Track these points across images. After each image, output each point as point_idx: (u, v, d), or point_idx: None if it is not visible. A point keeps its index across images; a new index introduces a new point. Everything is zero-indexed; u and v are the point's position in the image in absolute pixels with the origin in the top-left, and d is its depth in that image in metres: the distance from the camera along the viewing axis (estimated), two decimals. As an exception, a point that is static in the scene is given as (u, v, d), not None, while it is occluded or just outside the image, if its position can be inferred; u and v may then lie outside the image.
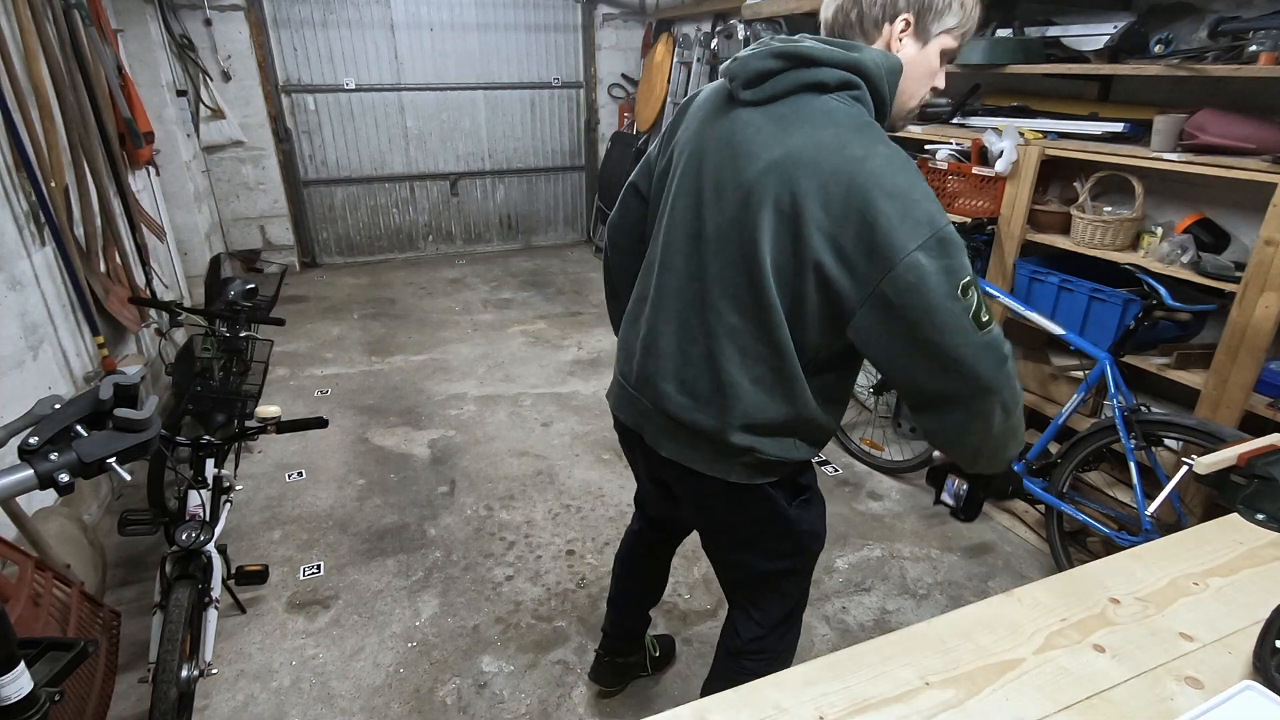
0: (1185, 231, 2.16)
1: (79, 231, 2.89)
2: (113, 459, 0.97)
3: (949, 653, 0.88)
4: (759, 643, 1.48)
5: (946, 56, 1.12)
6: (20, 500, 1.89)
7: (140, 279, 3.47)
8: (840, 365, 1.21)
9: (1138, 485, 2.06)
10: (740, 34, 4.22)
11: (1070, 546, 2.36)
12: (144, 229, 3.55)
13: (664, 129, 1.32)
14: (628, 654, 1.97)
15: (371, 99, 5.70)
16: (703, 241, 1.15)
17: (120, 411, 0.99)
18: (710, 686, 1.61)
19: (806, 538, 1.40)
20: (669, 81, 5.40)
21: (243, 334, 2.85)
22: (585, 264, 6.18)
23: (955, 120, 2.92)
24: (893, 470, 3.00)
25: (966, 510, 1.67)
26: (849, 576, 2.43)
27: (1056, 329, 2.30)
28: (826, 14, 1.15)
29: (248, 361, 3.03)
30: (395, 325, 4.72)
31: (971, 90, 2.87)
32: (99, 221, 3.02)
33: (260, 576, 2.32)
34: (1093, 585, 0.99)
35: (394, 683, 2.02)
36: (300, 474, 3.01)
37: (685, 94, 5.20)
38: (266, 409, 2.22)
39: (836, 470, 3.05)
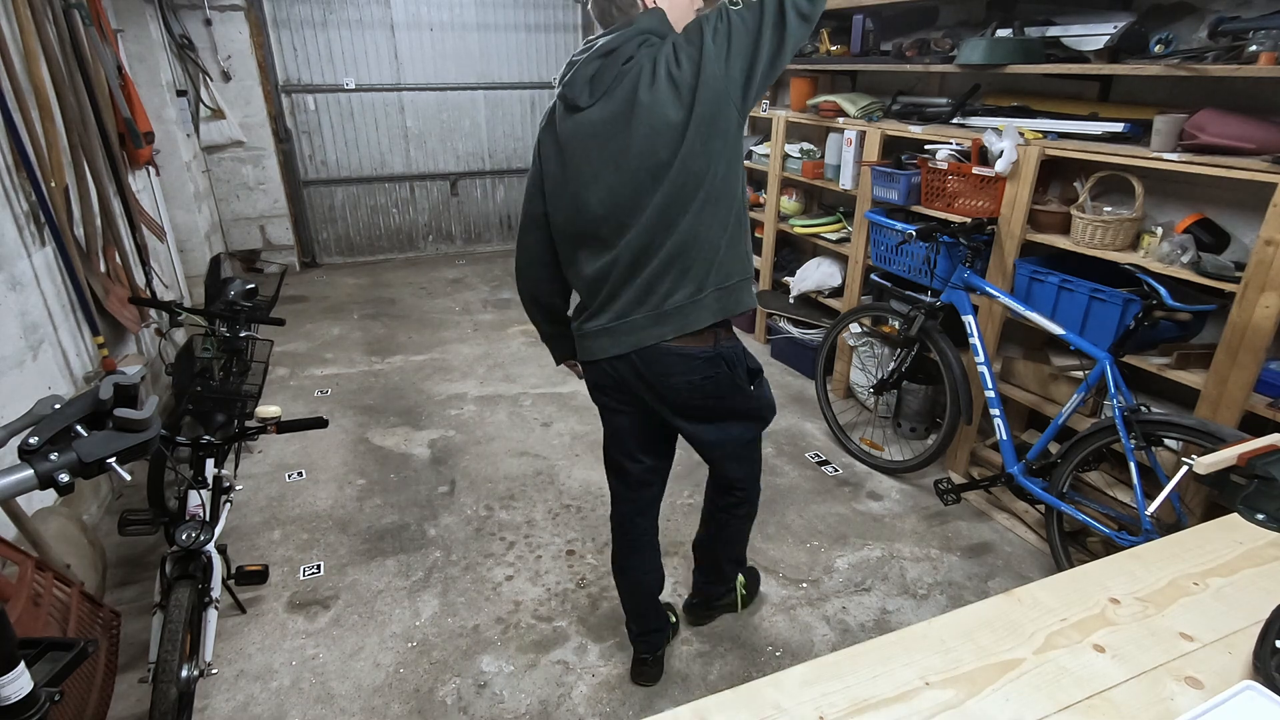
0: (1185, 231, 2.16)
1: (79, 231, 2.89)
2: (113, 459, 0.97)
3: (949, 653, 0.88)
4: None
5: None
6: (20, 500, 1.89)
7: (140, 279, 3.47)
8: None
9: (1138, 485, 2.05)
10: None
11: (1070, 546, 2.36)
12: (144, 229, 3.55)
13: None
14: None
15: (371, 99, 5.71)
16: None
17: (120, 411, 0.99)
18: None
19: None
20: (669, 81, 5.39)
21: (243, 334, 2.85)
22: (585, 264, 6.17)
23: (955, 120, 2.92)
24: (893, 470, 3.00)
25: None
26: (849, 576, 2.43)
27: (1056, 329, 2.30)
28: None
29: (248, 361, 3.03)
30: (395, 325, 4.72)
31: (971, 90, 2.87)
32: (99, 221, 3.02)
33: (260, 576, 2.32)
34: (1093, 585, 0.99)
35: (394, 683, 2.02)
36: (300, 474, 3.01)
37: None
38: (266, 409, 2.23)
39: (836, 470, 3.05)
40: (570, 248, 1.65)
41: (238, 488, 2.69)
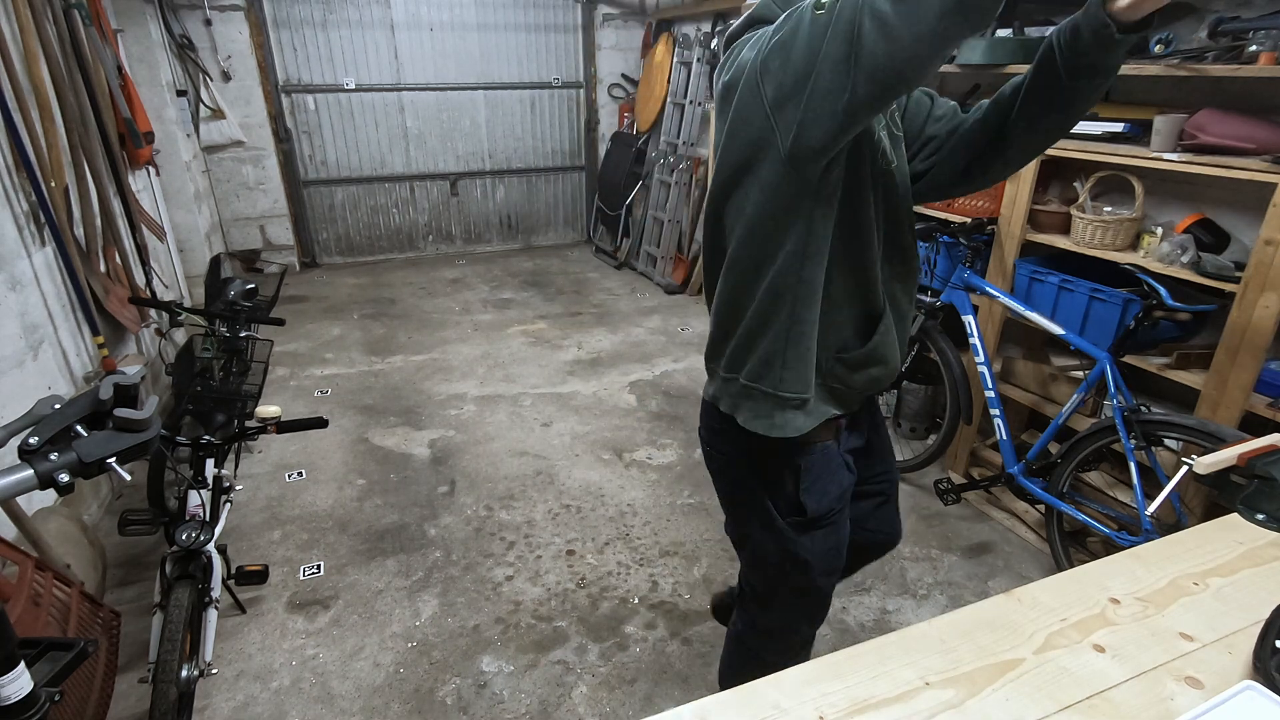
0: (1185, 231, 2.16)
1: (79, 231, 2.89)
2: (113, 459, 0.97)
3: (949, 653, 0.88)
4: None
5: None
6: (20, 500, 1.89)
7: (140, 279, 3.47)
8: None
9: (1138, 485, 2.05)
10: (740, 34, 4.22)
11: (1070, 546, 2.36)
12: (144, 229, 3.55)
13: None
14: None
15: (371, 99, 5.71)
16: None
17: (120, 411, 0.99)
18: None
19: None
20: (669, 81, 5.40)
21: (243, 334, 2.85)
22: (585, 264, 6.17)
23: (955, 120, 2.92)
24: (893, 470, 3.00)
25: None
26: (848, 576, 2.43)
27: (1056, 329, 2.30)
28: None
29: (248, 361, 3.03)
30: (395, 325, 4.72)
31: (971, 90, 2.87)
32: (99, 221, 3.02)
33: (260, 576, 2.32)
34: (1093, 585, 0.99)
35: (394, 683, 2.02)
36: (300, 474, 3.01)
37: (685, 94, 5.19)
38: (266, 409, 2.22)
39: (836, 470, 3.05)
40: None
41: (238, 488, 2.69)
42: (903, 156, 1.23)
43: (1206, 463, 1.25)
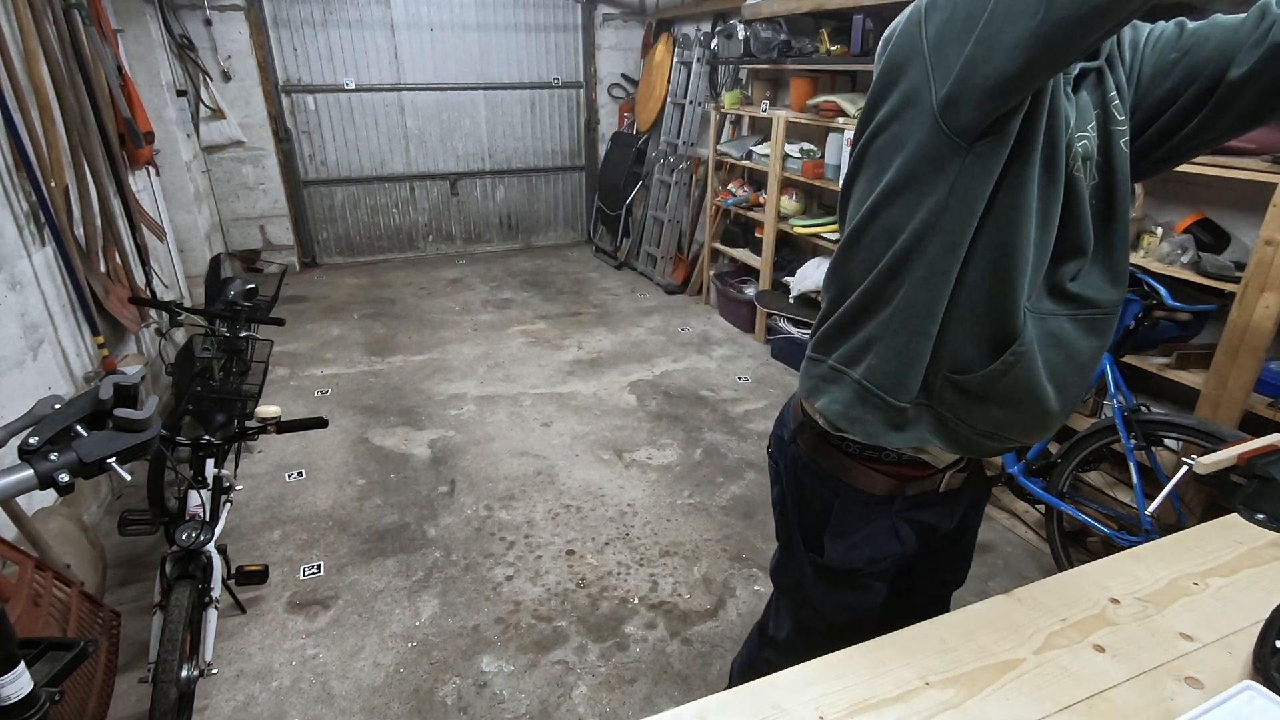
0: (1185, 231, 2.16)
1: (79, 231, 2.89)
2: (113, 459, 0.97)
3: (949, 653, 0.88)
4: None
5: None
6: (20, 500, 1.89)
7: (140, 279, 3.47)
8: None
9: (1138, 485, 2.06)
10: (740, 34, 4.22)
11: (1070, 546, 2.36)
12: (144, 229, 3.55)
13: None
14: None
15: (371, 99, 5.71)
16: None
17: (120, 411, 0.99)
18: None
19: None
20: (669, 81, 5.40)
21: (243, 334, 2.85)
22: (585, 264, 6.17)
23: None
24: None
25: None
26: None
27: (1056, 329, 2.30)
28: None
29: (248, 361, 3.03)
30: (395, 325, 4.72)
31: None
32: (99, 221, 3.02)
33: (260, 576, 2.32)
34: (1093, 585, 0.99)
35: (394, 683, 2.02)
36: (300, 474, 3.01)
37: (685, 94, 5.19)
38: (266, 409, 2.22)
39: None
40: None
41: (238, 488, 2.69)
42: (1123, 157, 0.95)
43: (1206, 463, 1.25)
